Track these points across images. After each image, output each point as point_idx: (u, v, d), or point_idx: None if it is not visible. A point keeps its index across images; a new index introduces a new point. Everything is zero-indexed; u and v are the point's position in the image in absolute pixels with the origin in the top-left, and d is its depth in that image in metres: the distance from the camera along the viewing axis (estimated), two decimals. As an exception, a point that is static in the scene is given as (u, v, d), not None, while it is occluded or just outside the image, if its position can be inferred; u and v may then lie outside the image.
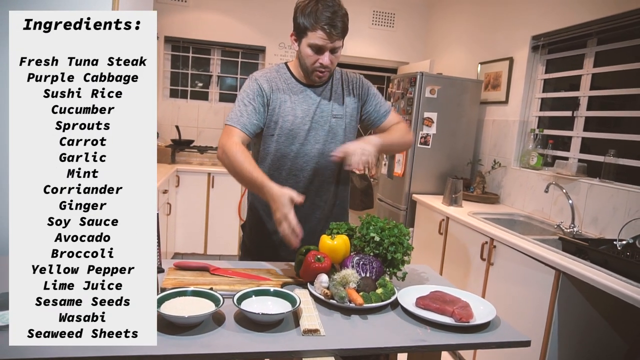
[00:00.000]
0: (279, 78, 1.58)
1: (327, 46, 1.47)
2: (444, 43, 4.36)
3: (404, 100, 3.46)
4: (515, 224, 2.83)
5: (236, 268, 1.40)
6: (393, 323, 1.15)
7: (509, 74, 3.26)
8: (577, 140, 2.77)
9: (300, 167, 1.59)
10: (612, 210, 2.32)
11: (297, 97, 1.58)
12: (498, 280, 2.34)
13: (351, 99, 1.66)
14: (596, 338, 1.96)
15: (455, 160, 3.47)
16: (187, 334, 1.00)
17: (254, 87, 1.55)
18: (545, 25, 2.94)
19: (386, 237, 1.36)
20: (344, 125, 1.64)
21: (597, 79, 2.70)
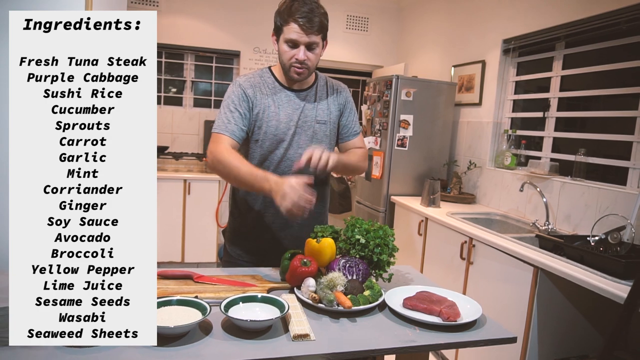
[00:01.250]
0: (262, 83, 1.58)
1: (301, 40, 1.45)
2: (417, 46, 4.42)
3: (380, 103, 3.49)
4: (492, 223, 2.88)
5: (221, 275, 1.37)
6: (382, 325, 1.15)
7: (481, 76, 3.34)
8: (549, 140, 2.86)
9: (283, 172, 1.56)
10: (584, 207, 2.40)
11: (280, 101, 1.57)
12: (478, 279, 2.37)
13: (335, 107, 1.66)
14: (574, 332, 2.01)
15: (432, 161, 3.52)
16: (173, 345, 0.97)
17: (238, 92, 1.53)
18: (516, 29, 3.02)
19: (371, 239, 1.36)
20: (327, 131, 1.63)
21: (565, 81, 2.79)
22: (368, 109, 3.73)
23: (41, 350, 0.90)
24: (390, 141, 3.37)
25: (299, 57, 1.46)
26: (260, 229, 1.62)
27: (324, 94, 1.65)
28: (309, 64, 1.50)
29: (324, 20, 1.48)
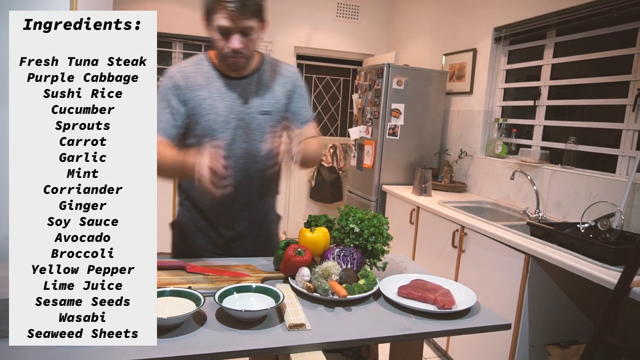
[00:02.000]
0: (197, 71, 1.42)
1: (233, 27, 1.28)
2: (408, 35, 4.40)
3: (371, 92, 3.47)
4: (483, 211, 2.90)
5: (214, 265, 1.36)
6: (377, 313, 1.14)
7: (472, 65, 3.33)
8: (539, 129, 2.87)
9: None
10: (574, 195, 2.42)
11: (218, 91, 1.42)
12: (470, 267, 2.39)
13: (281, 94, 1.50)
14: (565, 317, 2.04)
15: (423, 150, 3.52)
16: (167, 336, 0.95)
17: (168, 85, 1.40)
18: (507, 17, 3.02)
19: (366, 228, 1.35)
20: (272, 123, 1.46)
21: (556, 69, 2.80)
22: (359, 97, 3.71)
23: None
24: (381, 130, 3.36)
25: (233, 46, 1.30)
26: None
27: (269, 80, 1.48)
28: (246, 52, 1.35)
29: (259, 1, 1.31)
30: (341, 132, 5.09)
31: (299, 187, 4.94)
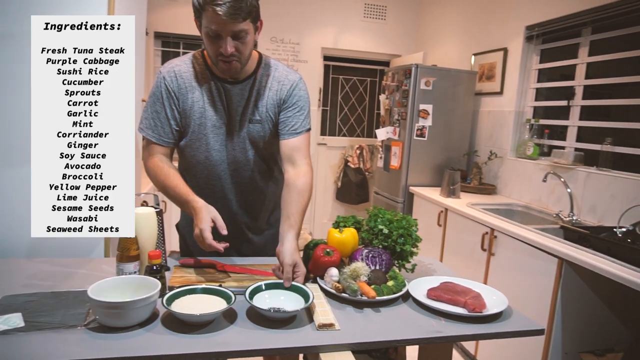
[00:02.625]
0: (191, 71, 1.36)
1: (224, 30, 1.20)
2: (436, 35, 4.35)
3: (399, 92, 3.45)
4: (514, 214, 2.84)
5: (243, 264, 1.38)
6: (406, 315, 1.14)
7: (503, 64, 3.27)
8: (573, 130, 2.79)
9: (217, 175, 1.43)
10: (610, 198, 2.34)
11: (209, 95, 1.36)
12: (500, 270, 2.34)
13: (272, 102, 1.40)
14: (600, 324, 1.97)
15: (452, 151, 3.47)
16: (199, 333, 0.97)
17: (162, 86, 1.35)
18: (539, 15, 2.94)
19: (395, 229, 1.35)
20: (262, 132, 1.41)
21: (591, 68, 2.71)
22: (386, 98, 3.69)
23: (71, 335, 0.92)
24: (409, 131, 3.33)
25: (224, 50, 1.22)
26: None
27: (264, 87, 1.39)
28: (240, 56, 1.26)
29: (251, 1, 1.22)
30: (367, 133, 5.07)
31: (325, 188, 4.94)
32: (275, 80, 1.41)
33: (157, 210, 1.29)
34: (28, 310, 1.02)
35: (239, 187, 1.46)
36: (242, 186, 1.46)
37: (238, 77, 1.37)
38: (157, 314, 1.03)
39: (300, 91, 1.43)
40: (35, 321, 0.97)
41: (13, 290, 1.12)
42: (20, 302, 1.05)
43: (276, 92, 1.41)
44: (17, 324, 0.95)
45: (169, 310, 0.99)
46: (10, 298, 1.07)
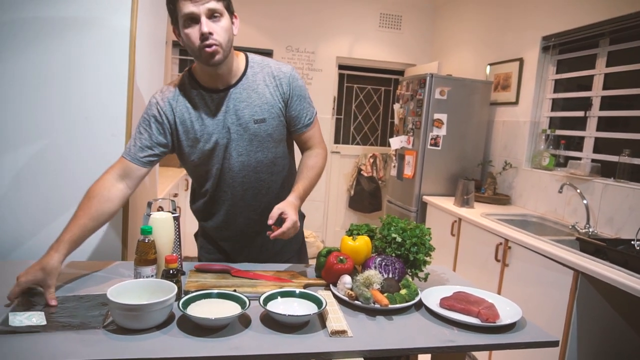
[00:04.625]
0: (182, 92, 1.37)
1: (198, 11, 1.22)
2: (451, 44, 4.35)
3: (413, 101, 3.46)
4: (528, 225, 2.81)
5: (257, 270, 1.39)
6: (419, 324, 1.14)
7: (519, 74, 3.25)
8: (590, 141, 2.76)
9: (228, 184, 1.43)
10: (628, 211, 2.30)
11: (204, 109, 1.36)
12: (514, 282, 2.32)
13: (276, 99, 1.41)
14: (616, 339, 1.94)
15: (466, 161, 3.46)
16: (214, 336, 0.99)
17: (151, 112, 1.36)
18: (556, 25, 2.93)
19: (408, 238, 1.35)
20: (269, 130, 1.40)
21: (608, 79, 2.69)
22: (401, 107, 3.70)
23: (90, 335, 0.94)
24: (423, 140, 3.34)
25: (203, 30, 1.23)
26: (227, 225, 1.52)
27: (259, 85, 1.40)
28: (219, 39, 1.26)
29: None
30: (381, 142, 5.08)
31: (337, 196, 4.95)
32: (270, 76, 1.41)
33: (174, 216, 1.32)
34: (50, 310, 1.05)
35: (249, 192, 1.45)
36: (252, 192, 1.46)
37: (229, 82, 1.37)
38: (173, 317, 1.05)
39: (298, 81, 1.45)
40: (56, 321, 1.00)
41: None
42: (43, 302, 1.08)
43: (275, 87, 1.41)
44: (40, 322, 0.98)
45: (185, 313, 1.01)
46: (34, 296, 1.11)
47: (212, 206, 1.50)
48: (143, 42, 1.65)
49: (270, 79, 1.41)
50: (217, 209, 1.50)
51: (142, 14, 1.59)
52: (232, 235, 1.54)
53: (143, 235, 1.17)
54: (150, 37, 1.78)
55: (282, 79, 1.42)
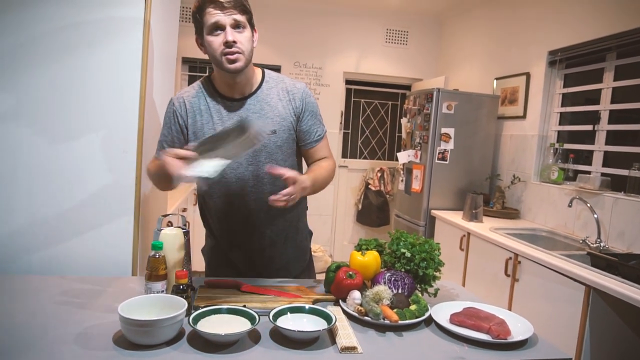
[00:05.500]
0: (200, 96, 1.44)
1: (223, 21, 1.30)
2: (457, 59, 4.38)
3: (420, 116, 3.47)
4: (538, 239, 2.79)
5: (267, 286, 1.39)
6: (429, 340, 1.13)
7: (526, 89, 3.26)
8: (599, 154, 2.75)
9: (236, 193, 1.45)
10: (639, 225, 2.28)
11: (218, 114, 1.41)
12: (524, 297, 2.29)
13: (288, 112, 1.45)
14: (629, 355, 1.91)
15: (474, 175, 3.46)
16: (224, 352, 0.99)
17: (170, 112, 1.45)
18: (562, 40, 2.95)
19: (417, 253, 1.35)
20: (279, 142, 1.43)
21: (616, 92, 2.69)
22: (408, 122, 3.72)
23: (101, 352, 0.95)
24: (430, 154, 3.34)
25: (228, 38, 1.30)
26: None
27: (273, 98, 1.45)
28: (241, 47, 1.33)
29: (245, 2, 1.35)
30: (389, 156, 5.09)
31: (345, 211, 4.95)
32: (284, 91, 1.47)
33: (184, 231, 1.33)
34: None
35: (259, 203, 1.46)
36: (260, 202, 1.46)
37: (245, 93, 1.43)
38: (183, 333, 1.05)
39: (311, 97, 1.51)
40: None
41: (43, 306, 1.17)
42: None
43: (288, 101, 1.46)
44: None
45: (195, 329, 1.01)
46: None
47: (220, 215, 1.51)
48: (155, 59, 1.68)
49: (284, 93, 1.46)
50: (224, 218, 1.51)
51: (154, 30, 1.62)
52: (239, 244, 1.54)
53: (154, 251, 1.18)
54: (162, 54, 1.81)
55: (295, 94, 1.47)
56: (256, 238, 1.52)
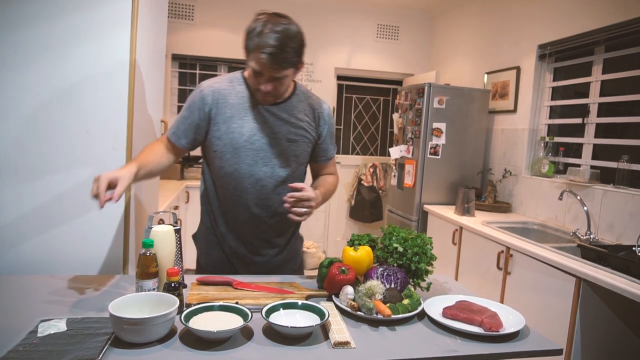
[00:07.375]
0: (230, 90, 1.46)
1: (266, 74, 1.33)
2: (448, 54, 4.39)
3: (412, 111, 3.48)
4: (529, 232, 2.81)
5: (259, 282, 1.39)
6: (422, 334, 1.14)
7: (516, 83, 3.28)
8: (589, 147, 2.77)
9: (244, 188, 1.47)
10: (628, 217, 2.31)
11: (247, 113, 1.44)
12: (516, 290, 2.31)
13: (312, 127, 1.53)
14: (619, 345, 1.93)
15: (465, 170, 3.47)
16: (217, 349, 0.99)
17: (197, 98, 1.45)
18: (552, 34, 2.96)
19: (409, 247, 1.35)
20: (297, 151, 1.50)
21: (605, 86, 2.71)
22: (399, 117, 3.72)
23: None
24: (422, 149, 3.35)
25: (264, 88, 1.36)
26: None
27: (299, 111, 1.50)
28: (276, 93, 1.40)
29: (293, 57, 1.33)
30: (381, 152, 5.09)
31: (338, 206, 4.95)
32: (310, 107, 1.54)
33: (175, 229, 1.32)
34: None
35: (263, 202, 1.49)
36: (266, 201, 1.49)
37: (276, 100, 1.47)
38: (175, 331, 1.05)
39: (331, 119, 1.60)
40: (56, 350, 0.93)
41: (33, 306, 1.15)
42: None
43: (313, 118, 1.54)
44: None
45: (187, 326, 1.01)
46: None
47: (224, 208, 1.52)
48: (143, 56, 1.67)
49: (310, 109, 1.53)
50: (229, 211, 1.52)
51: (141, 28, 1.60)
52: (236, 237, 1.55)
53: (144, 249, 1.17)
54: (150, 51, 1.79)
55: (321, 113, 1.56)
56: (253, 236, 1.53)
